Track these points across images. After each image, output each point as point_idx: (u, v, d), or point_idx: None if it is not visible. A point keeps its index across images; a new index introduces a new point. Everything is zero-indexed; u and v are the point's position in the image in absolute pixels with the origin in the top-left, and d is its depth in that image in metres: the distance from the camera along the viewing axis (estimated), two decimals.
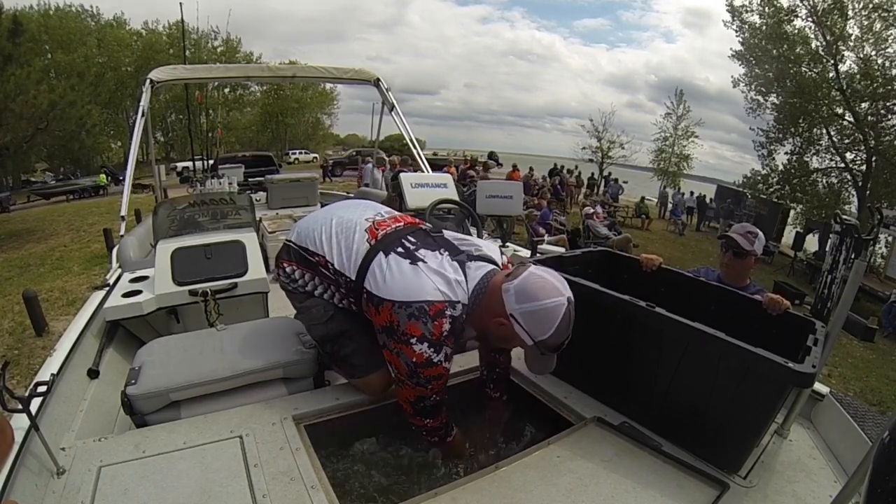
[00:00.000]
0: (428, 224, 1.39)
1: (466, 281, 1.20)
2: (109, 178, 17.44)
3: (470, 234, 3.06)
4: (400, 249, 1.22)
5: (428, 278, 1.15)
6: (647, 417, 1.39)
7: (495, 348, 1.47)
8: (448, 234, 1.35)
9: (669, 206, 17.30)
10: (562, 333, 1.12)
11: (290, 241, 1.43)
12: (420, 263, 1.18)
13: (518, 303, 1.11)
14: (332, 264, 1.30)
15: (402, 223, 1.34)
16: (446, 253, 1.24)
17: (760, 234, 1.91)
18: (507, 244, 3.26)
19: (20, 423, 1.06)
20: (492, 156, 11.77)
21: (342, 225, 1.34)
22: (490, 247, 1.34)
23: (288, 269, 1.41)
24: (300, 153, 29.08)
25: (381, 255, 1.22)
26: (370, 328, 1.26)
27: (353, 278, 1.25)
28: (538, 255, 2.99)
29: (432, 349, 1.13)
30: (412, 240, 1.26)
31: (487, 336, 1.25)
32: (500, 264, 1.29)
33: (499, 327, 1.16)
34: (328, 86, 30.42)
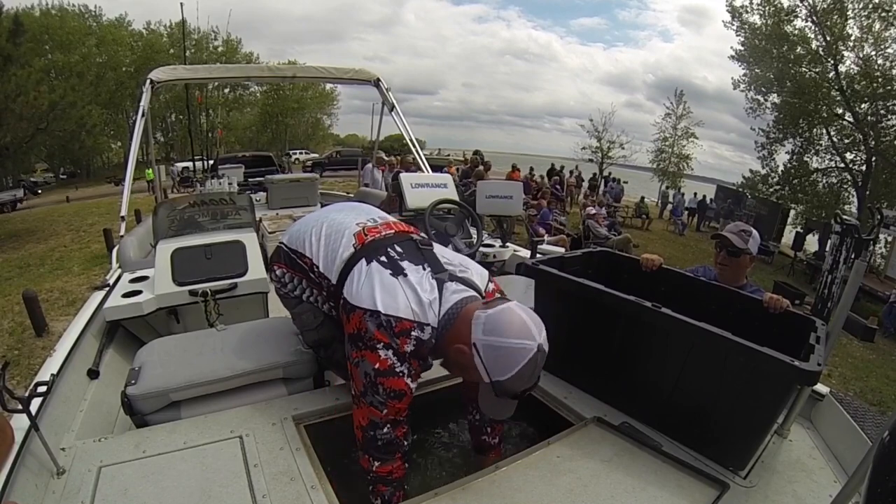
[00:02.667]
0: (422, 235, 1.34)
1: (440, 303, 1.14)
2: (26, 191, 16.62)
3: (470, 235, 3.08)
4: (383, 259, 1.18)
5: (403, 294, 1.11)
6: (651, 417, 1.39)
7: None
8: (438, 249, 1.29)
9: (669, 206, 17.30)
10: (522, 380, 1.02)
11: (282, 243, 1.42)
12: (400, 277, 1.14)
13: (484, 334, 1.03)
14: (318, 267, 1.28)
15: (392, 230, 1.30)
16: (429, 269, 1.19)
17: (755, 232, 1.90)
18: (507, 244, 3.26)
19: (20, 423, 1.06)
20: (476, 154, 11.78)
21: (332, 227, 1.32)
22: (478, 272, 1.28)
23: (278, 273, 1.40)
24: (300, 153, 29.12)
25: (363, 261, 1.18)
26: None
27: (334, 282, 1.23)
28: (538, 254, 2.99)
29: (396, 358, 1.08)
30: (398, 250, 1.21)
31: (447, 362, 1.19)
32: (482, 293, 1.22)
33: (458, 354, 1.08)
34: (328, 86, 30.46)
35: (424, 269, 1.18)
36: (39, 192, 15.62)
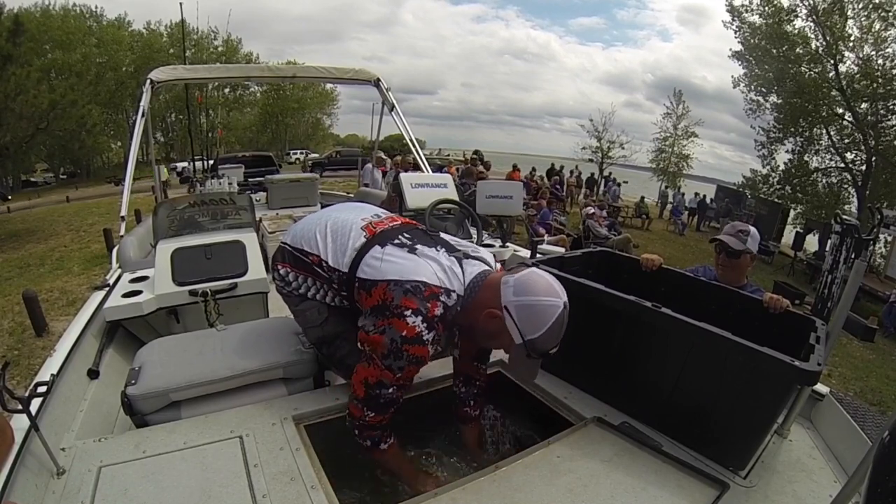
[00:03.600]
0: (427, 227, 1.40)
1: (463, 274, 1.19)
2: None
3: (470, 235, 3.08)
4: (397, 241, 1.22)
5: (426, 263, 1.15)
6: (651, 417, 1.39)
7: (476, 356, 1.44)
8: (446, 235, 1.35)
9: (669, 206, 17.30)
10: (552, 336, 1.09)
11: (284, 243, 1.42)
12: (418, 253, 1.18)
13: (515, 295, 1.09)
14: (327, 262, 1.30)
15: (398, 222, 1.34)
16: (443, 249, 1.24)
17: (753, 230, 1.89)
18: (507, 244, 3.26)
19: (20, 423, 1.06)
20: (476, 154, 11.78)
21: (337, 225, 1.33)
22: (485, 252, 1.34)
23: (282, 272, 1.41)
24: (301, 153, 29.16)
25: (377, 246, 1.21)
26: None
27: (346, 270, 1.25)
28: (538, 255, 2.99)
29: (426, 325, 1.09)
30: (409, 235, 1.26)
31: (474, 333, 1.22)
32: (493, 268, 1.29)
33: (489, 320, 1.13)
34: (328, 86, 30.46)
35: (438, 249, 1.23)
36: (9, 197, 14.84)
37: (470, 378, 1.45)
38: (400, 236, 1.24)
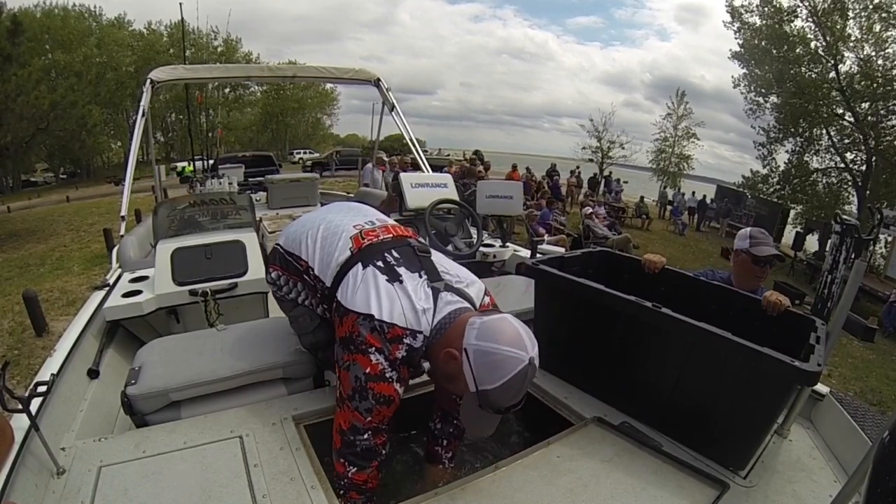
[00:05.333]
0: (420, 240, 1.32)
1: (434, 311, 1.13)
2: None
3: (470, 235, 3.08)
4: (380, 264, 1.16)
5: (398, 300, 1.10)
6: (651, 417, 1.39)
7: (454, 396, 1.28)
8: (437, 257, 1.28)
9: (669, 207, 17.30)
10: (509, 391, 0.98)
11: (278, 244, 1.41)
12: (395, 284, 1.13)
13: (477, 339, 1.01)
14: (313, 269, 1.28)
15: (390, 235, 1.28)
16: (425, 277, 1.17)
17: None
18: (507, 244, 3.26)
19: (20, 423, 1.06)
20: (476, 154, 11.79)
21: (329, 230, 1.30)
22: (475, 286, 1.26)
23: (273, 275, 1.41)
24: (304, 153, 29.10)
25: (359, 265, 1.17)
26: None
27: (329, 285, 1.22)
28: (538, 254, 2.99)
29: (388, 363, 1.07)
30: (395, 255, 1.20)
31: (434, 373, 1.15)
32: (476, 306, 1.20)
33: (447, 360, 1.05)
34: (328, 86, 30.48)
35: (421, 276, 1.17)
36: None
37: (447, 415, 1.34)
38: (386, 255, 1.19)
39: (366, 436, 1.09)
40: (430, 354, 1.12)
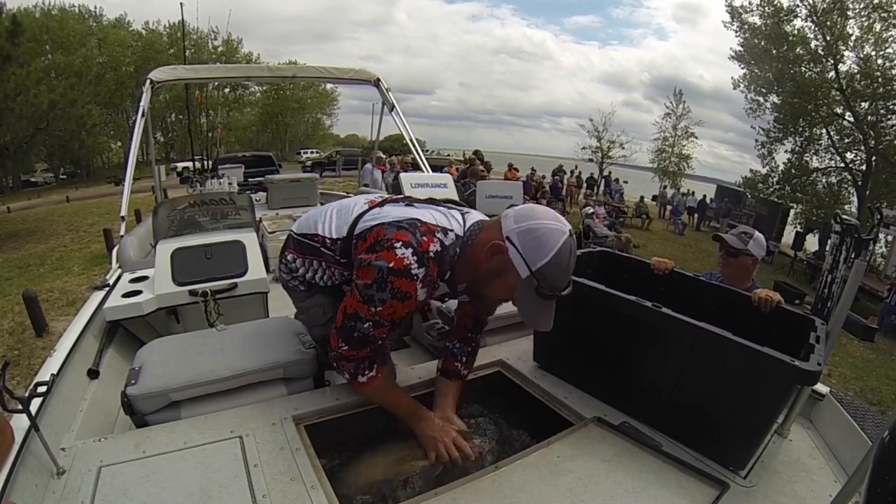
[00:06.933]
0: None
1: (464, 221, 1.19)
2: None
3: None
4: (396, 203, 1.27)
5: (424, 209, 1.18)
6: (651, 416, 1.39)
7: (478, 312, 1.43)
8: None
9: (669, 207, 17.31)
10: (561, 264, 1.02)
11: (291, 231, 1.47)
12: (416, 205, 1.23)
13: (516, 223, 1.05)
14: (331, 237, 1.32)
15: (401, 197, 1.39)
16: (443, 207, 1.27)
17: (759, 236, 1.88)
18: None
19: (20, 423, 1.06)
20: (476, 154, 11.79)
21: (343, 206, 1.38)
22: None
23: (289, 258, 1.44)
24: (309, 153, 28.99)
25: (376, 208, 1.25)
26: None
27: (346, 235, 1.26)
28: None
29: (416, 258, 1.04)
30: (408, 201, 1.30)
31: (478, 280, 1.16)
32: None
33: (492, 255, 1.06)
34: (328, 86, 30.48)
35: (438, 206, 1.25)
36: None
37: (466, 339, 1.44)
38: (399, 200, 1.29)
39: (366, 325, 1.11)
40: (465, 262, 1.14)
